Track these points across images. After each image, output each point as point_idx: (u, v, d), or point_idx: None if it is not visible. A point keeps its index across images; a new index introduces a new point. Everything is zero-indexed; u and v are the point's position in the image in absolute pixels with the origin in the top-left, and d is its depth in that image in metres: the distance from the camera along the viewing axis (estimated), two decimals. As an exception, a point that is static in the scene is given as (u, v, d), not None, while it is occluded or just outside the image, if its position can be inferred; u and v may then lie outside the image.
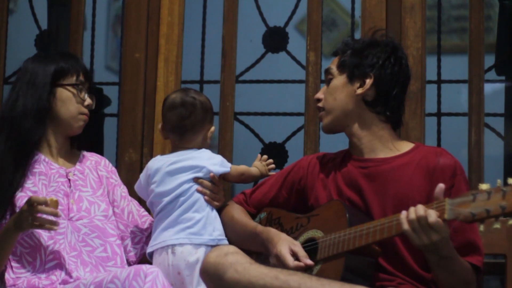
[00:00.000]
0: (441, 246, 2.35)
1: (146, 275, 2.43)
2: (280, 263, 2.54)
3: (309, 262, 2.53)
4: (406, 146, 2.70)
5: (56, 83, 2.82)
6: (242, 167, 2.98)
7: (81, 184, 2.84)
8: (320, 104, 2.77)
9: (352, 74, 2.70)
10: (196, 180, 2.87)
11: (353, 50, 2.72)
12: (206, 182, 2.87)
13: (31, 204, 2.50)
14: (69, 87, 2.83)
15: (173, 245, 2.78)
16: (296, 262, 2.52)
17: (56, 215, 2.52)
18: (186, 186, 2.86)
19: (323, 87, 2.79)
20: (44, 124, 2.81)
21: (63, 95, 2.83)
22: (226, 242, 2.83)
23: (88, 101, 2.86)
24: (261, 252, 2.72)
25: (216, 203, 2.88)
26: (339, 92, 2.71)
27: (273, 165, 3.02)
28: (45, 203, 2.50)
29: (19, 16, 3.90)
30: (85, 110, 2.86)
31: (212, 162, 2.90)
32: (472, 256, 2.53)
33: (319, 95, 2.78)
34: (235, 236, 2.83)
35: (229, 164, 2.93)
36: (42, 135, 2.82)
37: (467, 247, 2.53)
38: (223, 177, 2.93)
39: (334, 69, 2.75)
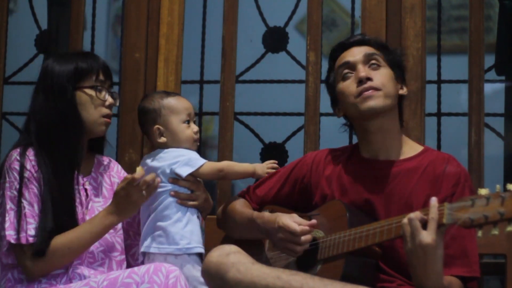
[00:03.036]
0: (429, 255, 2.29)
1: (168, 271, 2.43)
2: (286, 234, 2.53)
3: (313, 222, 2.53)
4: (415, 149, 2.69)
5: (75, 86, 2.69)
6: (223, 163, 2.85)
7: (94, 194, 2.77)
8: (373, 84, 2.63)
9: (399, 74, 2.71)
10: (170, 180, 2.77)
11: (395, 54, 2.74)
12: (183, 182, 2.78)
13: (131, 183, 2.56)
14: (86, 90, 2.70)
15: (147, 253, 2.76)
16: (301, 226, 2.52)
17: (155, 179, 2.60)
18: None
19: (365, 68, 2.65)
20: (83, 139, 2.74)
21: (82, 98, 2.70)
22: (197, 250, 2.74)
23: (109, 100, 2.73)
24: (261, 244, 2.73)
25: (191, 203, 2.79)
26: (391, 82, 2.69)
27: (275, 165, 2.90)
28: (140, 177, 2.57)
29: (19, 16, 3.90)
30: (107, 111, 2.73)
31: (176, 161, 2.77)
32: (466, 267, 2.51)
33: (369, 74, 2.64)
34: (235, 226, 2.84)
35: (200, 162, 2.78)
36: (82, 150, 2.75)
37: (462, 256, 2.51)
38: (196, 174, 2.79)
39: (382, 59, 2.69)
